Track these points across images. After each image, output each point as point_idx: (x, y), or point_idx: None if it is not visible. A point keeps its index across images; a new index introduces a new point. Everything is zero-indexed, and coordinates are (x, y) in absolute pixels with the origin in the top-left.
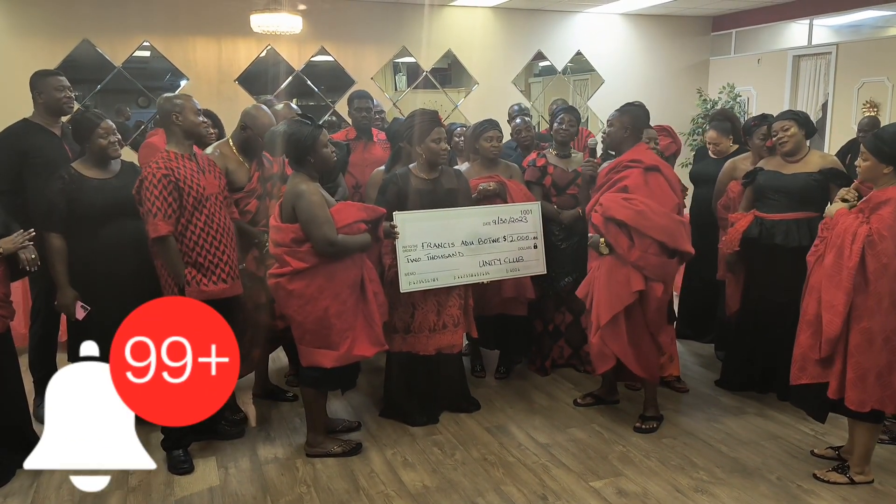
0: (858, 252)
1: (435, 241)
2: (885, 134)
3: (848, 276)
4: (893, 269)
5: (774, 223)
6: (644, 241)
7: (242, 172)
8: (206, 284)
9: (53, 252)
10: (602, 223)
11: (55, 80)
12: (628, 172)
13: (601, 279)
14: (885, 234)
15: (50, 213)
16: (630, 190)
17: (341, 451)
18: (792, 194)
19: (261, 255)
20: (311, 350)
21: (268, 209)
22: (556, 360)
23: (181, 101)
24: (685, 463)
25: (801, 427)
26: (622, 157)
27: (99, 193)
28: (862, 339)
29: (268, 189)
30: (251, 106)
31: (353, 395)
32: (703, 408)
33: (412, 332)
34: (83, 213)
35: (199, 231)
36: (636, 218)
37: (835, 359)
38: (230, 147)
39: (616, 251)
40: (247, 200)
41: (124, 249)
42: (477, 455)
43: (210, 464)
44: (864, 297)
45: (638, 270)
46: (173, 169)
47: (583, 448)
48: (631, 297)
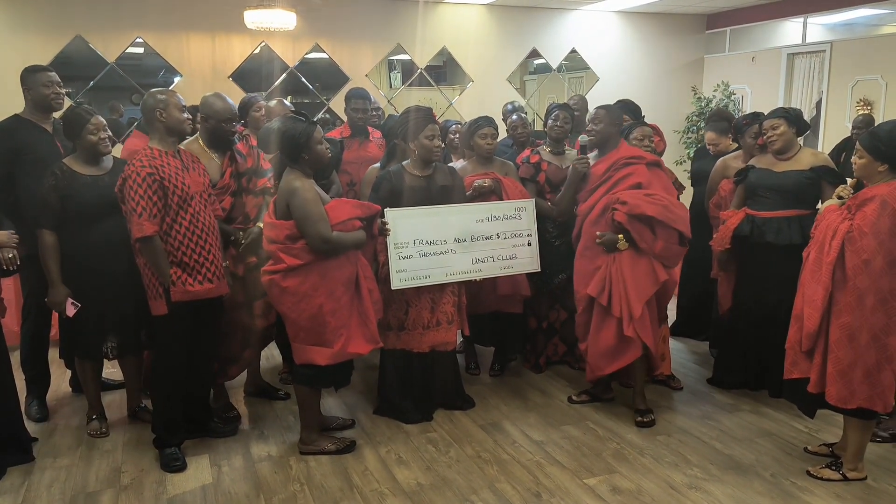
0: (837, 248)
1: (427, 238)
2: (880, 132)
3: (826, 271)
4: (876, 265)
5: (766, 221)
6: (668, 232)
7: (213, 168)
8: (191, 284)
9: (45, 249)
10: (627, 220)
11: (43, 76)
12: (632, 169)
13: (624, 273)
14: (865, 231)
15: (42, 210)
16: (644, 186)
17: (335, 449)
18: (783, 192)
19: (238, 254)
20: (305, 347)
21: (243, 205)
22: (550, 357)
23: (165, 97)
24: (679, 460)
25: (795, 424)
26: (616, 153)
27: (91, 190)
28: (841, 335)
29: (243, 185)
30: (207, 94)
31: (348, 393)
32: (697, 405)
33: (406, 330)
34: (75, 210)
35: (185, 230)
36: (663, 212)
37: (815, 353)
38: (199, 143)
39: (640, 245)
40: (221, 197)
41: (116, 246)
42: (471, 452)
43: (203, 462)
44: (843, 293)
45: (659, 261)
46: (158, 167)
47: (577, 445)
48: (656, 285)
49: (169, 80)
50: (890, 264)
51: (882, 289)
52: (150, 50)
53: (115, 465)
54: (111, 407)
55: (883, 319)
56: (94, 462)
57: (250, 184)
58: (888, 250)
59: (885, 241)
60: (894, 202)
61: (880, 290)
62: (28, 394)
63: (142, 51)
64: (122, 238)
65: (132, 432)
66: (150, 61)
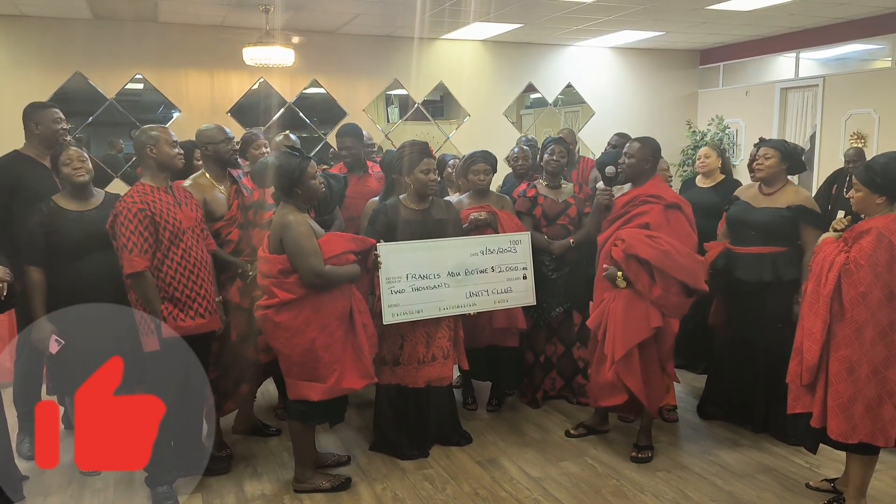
0: (834, 280)
1: (420, 273)
2: (875, 165)
3: (824, 304)
4: (874, 298)
5: (739, 256)
6: (667, 280)
7: (221, 200)
8: (182, 320)
9: (30, 285)
10: (623, 259)
11: (52, 113)
12: (648, 208)
13: (618, 313)
14: (862, 263)
15: (27, 247)
16: (652, 227)
17: (330, 487)
18: (757, 229)
19: (244, 286)
20: (298, 383)
21: (250, 238)
22: (547, 391)
23: (156, 133)
24: (680, 497)
25: (796, 459)
26: (639, 189)
27: (76, 225)
28: (840, 368)
29: (249, 217)
30: (199, 127)
31: (343, 429)
32: (696, 440)
33: (401, 364)
34: (61, 246)
35: (176, 265)
36: (661, 258)
37: (816, 387)
38: (206, 177)
39: (636, 287)
40: (228, 229)
41: (102, 282)
42: (468, 489)
43: (195, 501)
44: (841, 326)
45: (657, 307)
46: (149, 203)
47: (576, 482)
48: (649, 332)
49: (168, 115)
50: (888, 297)
51: (881, 322)
52: (150, 86)
53: None
54: None
55: (883, 353)
56: (85, 501)
57: (256, 216)
58: (885, 283)
59: (882, 273)
60: (890, 234)
61: (879, 322)
62: (20, 431)
63: (141, 87)
64: (109, 273)
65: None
66: (149, 97)
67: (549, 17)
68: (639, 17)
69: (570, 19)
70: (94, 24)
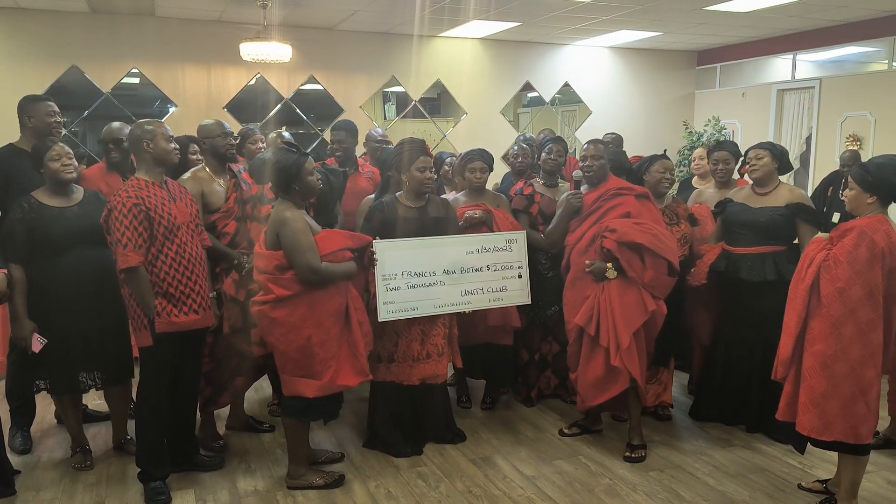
0: (812, 275)
1: (416, 270)
2: (870, 164)
3: (801, 298)
4: (853, 296)
5: (740, 257)
6: (658, 262)
7: (219, 193)
8: (176, 315)
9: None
10: (616, 248)
11: (46, 106)
12: (622, 199)
13: (612, 303)
14: (840, 260)
15: (8, 244)
16: (634, 216)
17: (323, 484)
18: (757, 229)
19: (241, 279)
20: (293, 379)
21: (247, 231)
22: (542, 390)
23: (152, 127)
24: (672, 496)
25: (788, 459)
26: (606, 185)
27: (57, 222)
28: (814, 362)
29: (247, 211)
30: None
31: (337, 426)
32: (689, 440)
33: (396, 362)
34: (42, 242)
35: (171, 261)
36: (653, 241)
37: (786, 381)
38: (206, 171)
39: (628, 274)
40: (224, 221)
41: (84, 278)
42: (462, 487)
43: (188, 496)
44: (817, 321)
45: (648, 290)
46: (144, 198)
47: (569, 481)
48: (645, 316)
49: (164, 110)
50: (868, 295)
51: (860, 320)
52: (146, 80)
53: (98, 500)
54: (97, 439)
55: (860, 351)
56: (78, 496)
57: (255, 210)
58: (865, 281)
59: (863, 271)
60: (872, 233)
61: (858, 321)
62: (12, 425)
63: (137, 81)
64: (91, 270)
65: (117, 465)
66: (145, 91)
67: (548, 16)
68: (636, 17)
69: (568, 18)
70: (91, 18)
